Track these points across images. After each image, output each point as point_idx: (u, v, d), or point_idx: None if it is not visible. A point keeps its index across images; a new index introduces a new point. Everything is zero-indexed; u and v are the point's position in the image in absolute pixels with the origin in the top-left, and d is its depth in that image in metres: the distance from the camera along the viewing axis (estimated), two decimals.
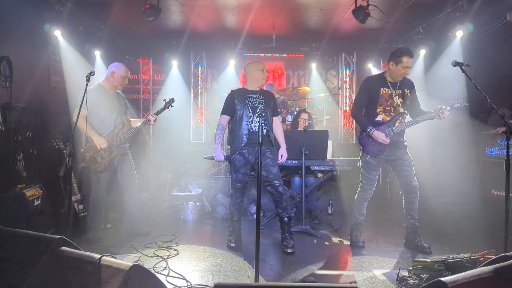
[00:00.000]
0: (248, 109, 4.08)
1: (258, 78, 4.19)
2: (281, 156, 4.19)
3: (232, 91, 4.30)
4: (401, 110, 4.01)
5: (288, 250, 3.97)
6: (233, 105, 4.16)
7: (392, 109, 4.01)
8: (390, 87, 4.01)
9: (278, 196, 4.09)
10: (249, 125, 4.04)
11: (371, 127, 3.95)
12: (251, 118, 4.05)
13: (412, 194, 4.04)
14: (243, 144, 4.01)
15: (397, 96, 4.01)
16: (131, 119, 4.61)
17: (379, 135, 3.91)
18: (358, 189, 4.20)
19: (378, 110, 4.02)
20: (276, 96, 7.17)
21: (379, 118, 4.02)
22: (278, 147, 4.25)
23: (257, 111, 4.03)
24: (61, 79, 5.97)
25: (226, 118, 4.25)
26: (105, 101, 4.23)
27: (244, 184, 4.17)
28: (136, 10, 5.40)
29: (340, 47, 8.21)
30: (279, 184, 4.08)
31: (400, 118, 4.00)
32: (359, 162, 4.23)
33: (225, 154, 4.20)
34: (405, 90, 4.05)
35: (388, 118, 4.00)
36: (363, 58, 8.32)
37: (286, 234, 4.11)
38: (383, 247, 4.19)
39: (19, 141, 4.73)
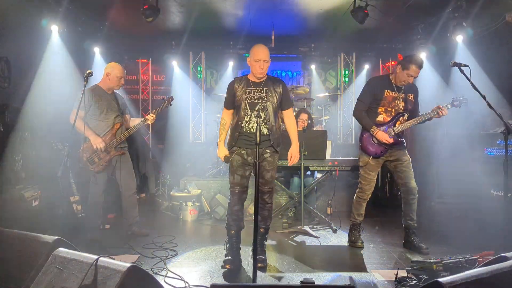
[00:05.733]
0: (246, 105, 3.55)
1: (252, 70, 3.59)
2: (290, 156, 3.67)
3: (235, 78, 3.76)
4: (402, 111, 4.00)
5: (259, 264, 3.48)
6: (232, 97, 3.64)
7: (393, 110, 4.00)
8: (395, 90, 3.99)
9: (261, 203, 3.69)
10: (244, 124, 3.54)
11: (375, 128, 3.94)
12: (249, 116, 3.53)
13: (410, 195, 4.03)
14: (233, 145, 3.60)
15: (400, 100, 3.99)
16: (130, 119, 4.62)
17: (384, 136, 3.90)
18: (357, 190, 4.20)
19: (380, 110, 4.01)
20: None
21: (380, 118, 4.01)
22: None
23: (256, 109, 3.51)
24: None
25: (227, 112, 3.74)
26: (102, 102, 4.23)
27: (243, 188, 3.62)
28: (135, 10, 5.39)
29: (339, 47, 8.21)
30: (267, 191, 3.67)
31: (400, 119, 3.99)
32: (359, 162, 4.22)
33: (226, 154, 3.61)
34: (408, 94, 4.03)
35: (388, 118, 3.99)
36: (362, 58, 8.33)
37: (258, 247, 3.47)
38: (381, 247, 4.18)
39: (17, 141, 4.73)
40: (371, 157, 4.02)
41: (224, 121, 3.72)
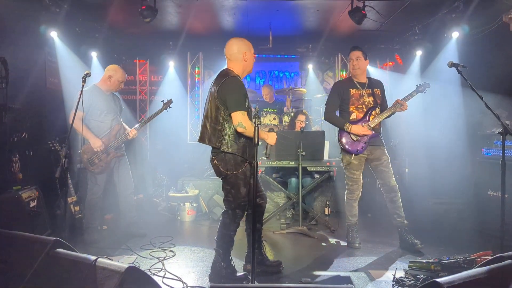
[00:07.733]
0: (251, 106, 3.32)
1: (250, 64, 3.28)
2: None
3: (238, 76, 3.22)
4: (372, 105, 4.11)
5: (257, 269, 3.31)
6: (246, 97, 3.18)
7: (364, 106, 4.11)
8: (359, 87, 4.14)
9: (263, 206, 3.47)
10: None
11: (347, 124, 4.06)
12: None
13: (392, 193, 4.10)
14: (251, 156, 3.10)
15: (367, 95, 4.12)
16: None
17: (358, 128, 4.00)
18: (346, 191, 4.25)
19: (351, 109, 4.14)
20: (274, 99, 7.20)
21: (354, 116, 4.13)
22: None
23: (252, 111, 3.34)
24: (57, 81, 5.94)
25: None
26: (101, 102, 4.23)
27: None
28: (132, 11, 5.38)
29: (336, 48, 8.21)
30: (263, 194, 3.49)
31: (372, 113, 4.09)
32: (342, 163, 4.28)
33: None
34: (375, 89, 4.17)
35: (361, 115, 4.10)
36: None
37: (256, 244, 3.38)
38: (379, 248, 4.19)
39: (15, 142, 4.71)
40: (353, 155, 4.10)
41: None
